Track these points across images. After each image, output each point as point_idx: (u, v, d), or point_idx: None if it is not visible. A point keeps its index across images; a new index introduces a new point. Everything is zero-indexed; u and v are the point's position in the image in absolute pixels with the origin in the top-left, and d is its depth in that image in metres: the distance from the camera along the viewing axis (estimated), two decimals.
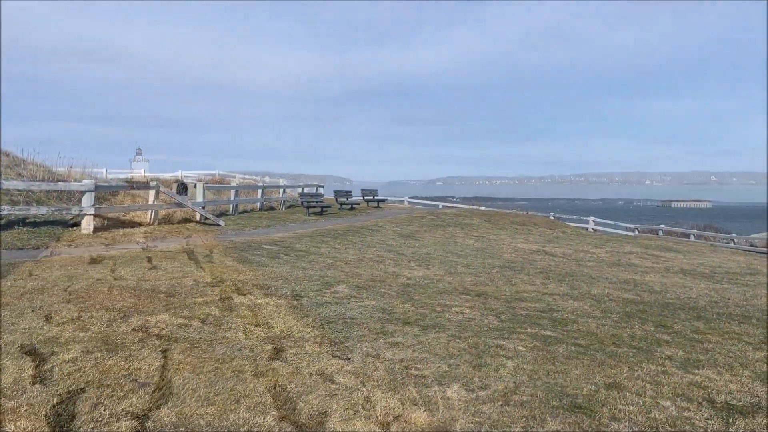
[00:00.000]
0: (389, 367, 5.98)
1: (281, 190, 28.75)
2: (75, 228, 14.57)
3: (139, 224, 16.43)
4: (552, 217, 35.77)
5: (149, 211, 16.99)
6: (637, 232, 32.93)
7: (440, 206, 37.51)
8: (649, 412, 5.24)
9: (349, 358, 6.18)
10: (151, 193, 17.39)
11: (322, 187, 33.25)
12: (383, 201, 33.43)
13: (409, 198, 40.09)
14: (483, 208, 37.26)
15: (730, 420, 5.18)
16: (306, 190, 30.49)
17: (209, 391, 5.03)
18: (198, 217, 18.69)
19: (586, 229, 33.23)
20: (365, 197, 31.99)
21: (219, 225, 18.14)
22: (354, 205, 29.81)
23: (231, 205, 22.66)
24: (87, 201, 14.62)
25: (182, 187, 24.42)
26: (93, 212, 14.60)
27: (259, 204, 25.30)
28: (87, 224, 14.46)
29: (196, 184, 22.26)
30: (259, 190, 26.22)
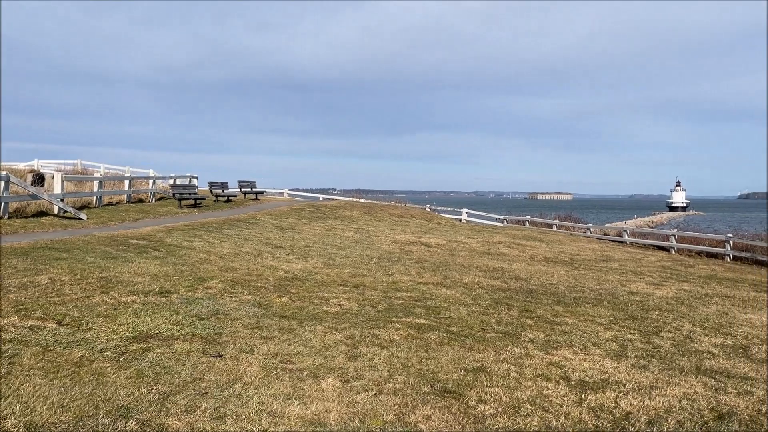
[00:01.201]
0: (264, 363, 5.87)
1: (151, 182, 27.25)
2: None
3: None
4: (428, 209, 36.88)
5: None
6: (505, 223, 34.81)
7: (321, 198, 37.41)
8: (513, 393, 5.55)
9: (222, 355, 5.98)
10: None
11: (196, 178, 31.95)
12: (261, 193, 32.73)
13: (289, 190, 39.57)
14: (363, 200, 37.63)
15: (583, 396, 5.62)
16: (179, 181, 29.14)
17: (64, 397, 4.64)
18: (56, 210, 17.24)
19: (460, 220, 34.61)
20: (242, 189, 31.15)
21: (80, 218, 16.85)
22: (231, 197, 28.95)
23: (95, 198, 21.15)
24: None
25: (38, 178, 22.41)
26: None
27: (126, 196, 23.84)
28: None
29: (54, 174, 20.51)
30: (127, 182, 24.67)
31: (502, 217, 36.18)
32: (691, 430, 4.92)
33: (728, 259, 19.81)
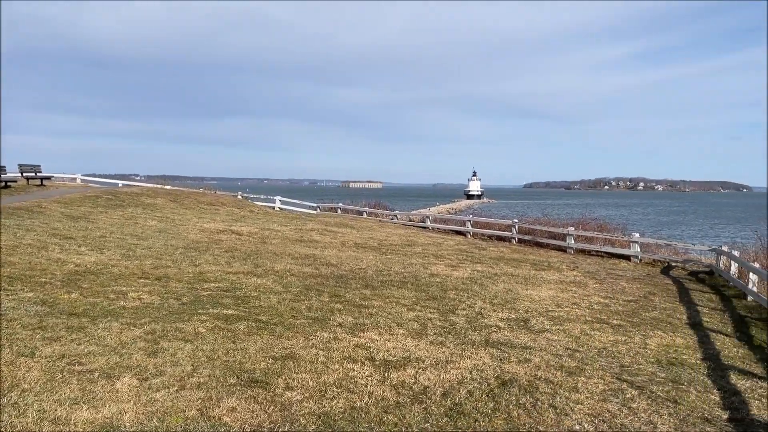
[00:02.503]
0: (47, 366, 5.27)
1: None
2: None
3: None
4: (240, 197, 36.01)
5: None
6: (319, 210, 35.23)
7: (120, 185, 34.55)
8: (320, 377, 5.64)
9: None
10: None
11: None
12: (48, 178, 29.31)
13: (83, 176, 35.97)
14: (169, 187, 35.54)
15: (386, 374, 5.89)
16: None
17: None
18: None
19: (273, 208, 34.30)
20: (24, 174, 27.63)
21: None
22: (9, 183, 25.51)
23: None
24: None
25: None
26: None
27: None
28: None
29: None
30: None
31: (315, 205, 36.56)
32: (478, 398, 5.40)
33: (514, 242, 22.10)
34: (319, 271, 11.95)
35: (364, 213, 31.73)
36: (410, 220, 29.91)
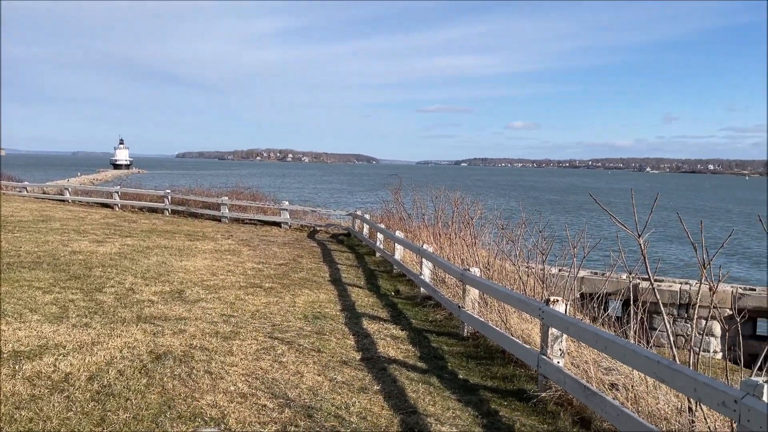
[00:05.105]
0: None
1: None
2: None
3: None
4: None
5: None
6: None
7: None
8: None
9: None
10: None
11: None
12: None
13: None
14: None
15: (18, 366, 5.15)
16: None
17: None
18: None
19: None
20: None
21: None
22: None
23: None
24: None
25: None
26: None
27: None
28: None
29: None
30: None
31: None
32: (130, 376, 5.14)
33: (167, 213, 21.33)
34: None
35: None
36: (44, 193, 26.34)
